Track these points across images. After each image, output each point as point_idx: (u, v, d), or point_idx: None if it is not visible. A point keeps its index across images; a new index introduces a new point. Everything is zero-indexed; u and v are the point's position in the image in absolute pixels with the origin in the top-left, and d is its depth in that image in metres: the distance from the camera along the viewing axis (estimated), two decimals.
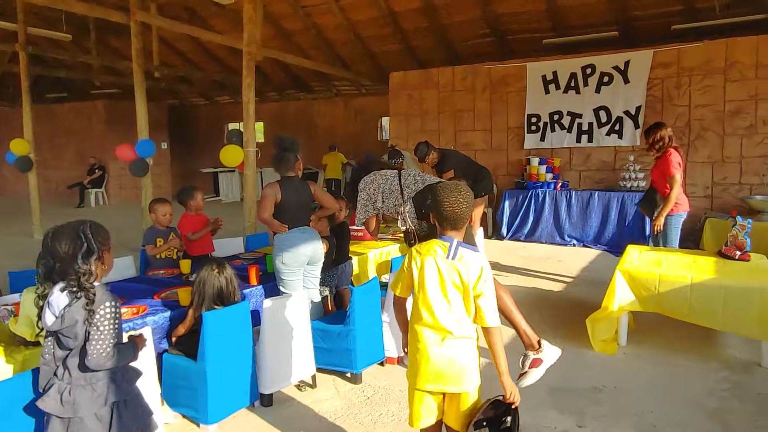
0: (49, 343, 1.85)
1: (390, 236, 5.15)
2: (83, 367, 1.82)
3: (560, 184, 8.03)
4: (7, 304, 2.68)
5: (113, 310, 1.84)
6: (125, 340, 2.03)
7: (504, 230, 8.12)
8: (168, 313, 2.85)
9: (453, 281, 1.89)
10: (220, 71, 13.10)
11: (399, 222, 3.17)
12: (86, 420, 1.82)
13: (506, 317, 2.56)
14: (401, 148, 7.25)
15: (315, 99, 14.84)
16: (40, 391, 1.86)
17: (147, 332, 2.45)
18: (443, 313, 1.90)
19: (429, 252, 1.93)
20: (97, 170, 13.46)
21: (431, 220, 2.04)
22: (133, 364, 2.00)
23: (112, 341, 1.83)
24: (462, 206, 1.93)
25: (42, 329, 1.88)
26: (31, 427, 2.01)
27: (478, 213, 6.02)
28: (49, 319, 1.81)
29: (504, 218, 8.11)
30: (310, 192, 3.62)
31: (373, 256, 4.54)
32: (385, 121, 13.75)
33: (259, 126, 16.08)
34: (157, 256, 3.94)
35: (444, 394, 1.96)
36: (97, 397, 1.84)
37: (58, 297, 1.81)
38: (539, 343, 2.53)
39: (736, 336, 3.71)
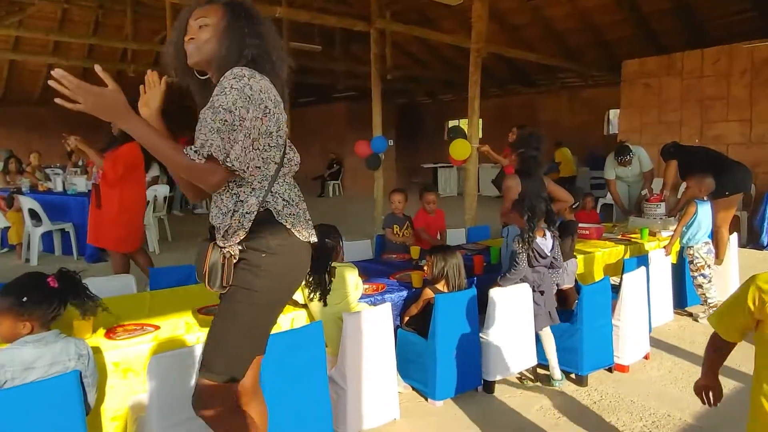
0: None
1: (619, 237, 4.79)
2: None
3: None
4: None
5: None
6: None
7: (764, 239, 6.87)
8: (404, 293, 3.12)
9: None
10: (446, 70, 13.65)
11: None
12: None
13: None
14: (632, 143, 6.59)
15: (538, 93, 14.46)
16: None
17: (386, 308, 2.74)
18: None
19: None
20: (335, 165, 15.22)
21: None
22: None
23: None
24: None
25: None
26: None
27: (725, 216, 5.02)
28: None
29: (765, 224, 6.86)
30: (544, 186, 3.68)
31: (600, 255, 4.29)
32: (613, 113, 12.71)
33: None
34: (394, 241, 4.38)
35: None
36: None
37: (543, 240, 3.14)
38: None
39: None
